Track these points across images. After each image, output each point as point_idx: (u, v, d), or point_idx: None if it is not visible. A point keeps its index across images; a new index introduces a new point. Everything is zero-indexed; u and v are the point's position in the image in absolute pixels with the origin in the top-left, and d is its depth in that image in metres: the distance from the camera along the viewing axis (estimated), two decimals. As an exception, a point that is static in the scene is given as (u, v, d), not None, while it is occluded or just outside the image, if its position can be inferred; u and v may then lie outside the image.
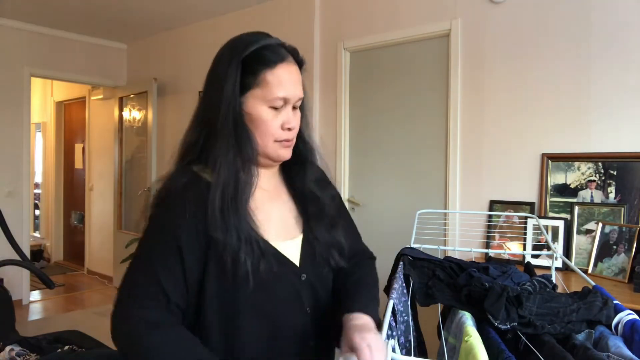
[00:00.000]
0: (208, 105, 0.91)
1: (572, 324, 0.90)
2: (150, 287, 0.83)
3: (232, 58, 0.88)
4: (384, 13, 3.19)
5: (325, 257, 0.98)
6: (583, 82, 2.42)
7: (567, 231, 2.41)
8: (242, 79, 0.88)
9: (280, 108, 0.90)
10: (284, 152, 0.94)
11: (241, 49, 0.89)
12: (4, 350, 1.91)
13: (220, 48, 0.94)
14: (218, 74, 0.90)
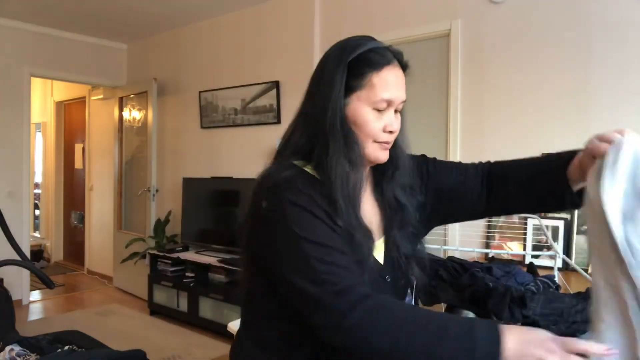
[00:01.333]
0: (314, 106, 0.92)
1: (576, 325, 0.90)
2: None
3: (340, 61, 0.90)
4: (383, 13, 3.19)
5: (405, 268, 0.97)
6: (583, 81, 2.43)
7: (567, 231, 2.41)
8: (348, 81, 0.89)
9: (383, 110, 0.93)
10: (382, 154, 0.95)
11: (348, 52, 0.91)
12: (4, 350, 1.91)
13: (327, 50, 0.96)
14: (325, 76, 0.91)
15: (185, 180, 4.36)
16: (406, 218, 0.97)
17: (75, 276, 5.78)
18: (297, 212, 0.82)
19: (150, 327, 3.97)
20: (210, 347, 3.49)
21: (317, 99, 0.91)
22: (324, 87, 0.90)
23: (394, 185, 0.98)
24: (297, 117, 0.96)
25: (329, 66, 0.91)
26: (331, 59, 0.92)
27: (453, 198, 1.02)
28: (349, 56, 0.90)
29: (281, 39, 3.76)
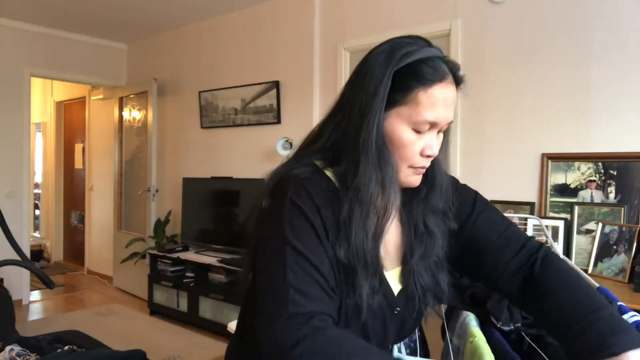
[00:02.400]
0: (351, 112, 0.81)
1: None
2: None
3: (387, 67, 0.78)
4: (384, 13, 3.19)
5: (420, 300, 0.88)
6: (583, 81, 2.43)
7: (567, 231, 2.41)
8: (390, 93, 0.78)
9: (424, 132, 0.81)
10: (415, 180, 0.84)
11: (397, 59, 0.78)
12: (4, 350, 1.91)
13: (375, 48, 0.83)
14: (367, 81, 0.80)
15: (185, 180, 4.36)
16: (432, 246, 0.87)
17: (75, 276, 5.78)
18: (295, 214, 0.76)
19: (150, 327, 3.97)
20: (210, 347, 3.49)
21: (354, 105, 0.80)
22: (364, 94, 0.79)
23: (424, 207, 0.88)
24: (328, 118, 0.87)
25: (374, 71, 0.79)
26: (377, 63, 0.80)
27: (480, 265, 0.91)
28: (397, 64, 0.78)
29: (281, 39, 3.76)
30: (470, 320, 0.98)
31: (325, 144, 0.84)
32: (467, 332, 0.91)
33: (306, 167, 0.81)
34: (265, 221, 0.80)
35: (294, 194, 0.76)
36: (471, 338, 0.84)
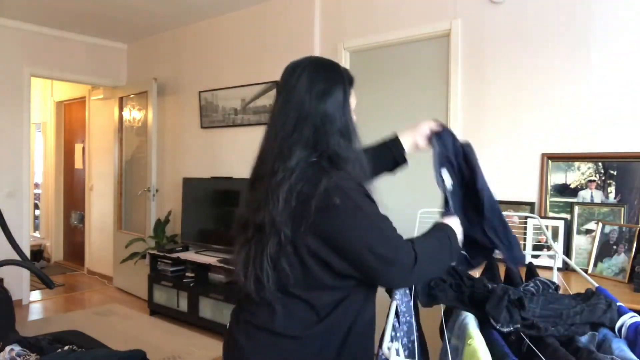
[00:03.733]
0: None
1: (575, 327, 0.90)
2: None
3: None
4: (384, 13, 3.19)
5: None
6: (583, 82, 2.43)
7: (567, 231, 2.41)
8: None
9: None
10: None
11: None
12: (4, 350, 1.91)
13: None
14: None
15: (185, 180, 4.36)
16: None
17: (75, 276, 5.78)
18: (367, 201, 1.05)
19: (150, 327, 3.97)
20: (210, 347, 3.49)
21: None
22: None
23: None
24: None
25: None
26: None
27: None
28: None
29: (281, 39, 3.76)
30: (468, 321, 0.98)
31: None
32: (465, 333, 0.91)
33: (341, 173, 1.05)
34: (348, 210, 1.01)
35: (356, 188, 1.05)
36: (469, 340, 0.84)
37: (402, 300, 1.16)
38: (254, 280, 1.06)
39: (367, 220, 1.02)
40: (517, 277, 1.30)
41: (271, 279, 1.04)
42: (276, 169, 1.04)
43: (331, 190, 0.99)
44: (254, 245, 1.07)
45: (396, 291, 1.14)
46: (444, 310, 1.32)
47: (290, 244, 1.02)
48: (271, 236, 1.03)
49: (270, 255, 1.03)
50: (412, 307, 1.23)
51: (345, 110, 1.12)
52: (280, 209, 1.01)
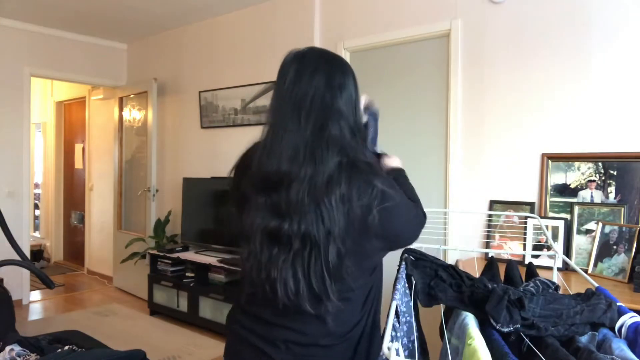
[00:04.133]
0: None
1: (575, 326, 0.90)
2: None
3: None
4: (384, 13, 3.19)
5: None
6: (583, 81, 2.43)
7: (567, 231, 2.41)
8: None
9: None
10: None
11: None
12: (4, 350, 1.91)
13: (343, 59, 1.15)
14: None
15: (185, 180, 4.36)
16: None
17: (75, 276, 5.78)
18: (395, 191, 1.05)
19: (150, 327, 3.97)
20: (210, 347, 3.49)
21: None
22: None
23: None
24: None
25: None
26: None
27: None
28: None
29: (281, 39, 3.76)
30: (468, 321, 0.98)
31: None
32: (465, 333, 0.91)
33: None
34: (393, 209, 1.01)
35: (391, 185, 1.05)
36: (469, 341, 0.84)
37: (402, 300, 1.16)
38: (311, 295, 0.96)
39: (405, 208, 1.05)
40: (517, 277, 1.30)
41: (334, 291, 0.96)
42: (312, 173, 0.94)
43: (380, 196, 0.96)
44: (305, 258, 0.95)
45: (395, 291, 1.13)
46: (444, 310, 1.32)
47: (350, 254, 0.96)
48: (329, 248, 0.94)
49: (331, 267, 0.94)
50: (412, 307, 1.23)
51: (357, 106, 1.08)
52: (337, 218, 0.93)
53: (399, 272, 1.29)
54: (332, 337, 1.03)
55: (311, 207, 0.94)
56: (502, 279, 1.39)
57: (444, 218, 2.86)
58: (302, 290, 0.95)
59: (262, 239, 1.00)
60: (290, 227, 0.95)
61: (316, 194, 0.93)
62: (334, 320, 1.01)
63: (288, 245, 0.96)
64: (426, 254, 1.34)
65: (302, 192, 0.94)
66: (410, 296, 1.22)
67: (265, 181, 1.01)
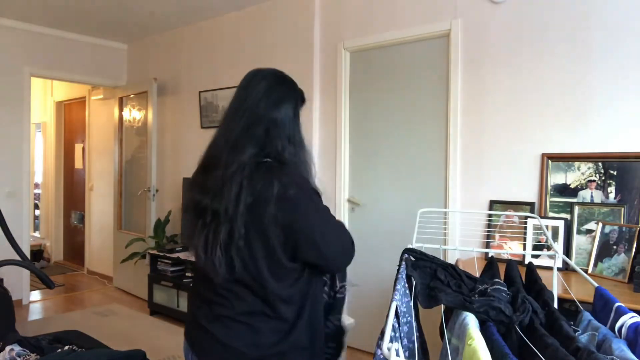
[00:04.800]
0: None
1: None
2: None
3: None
4: (383, 13, 3.19)
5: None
6: (583, 82, 2.43)
7: (567, 231, 2.41)
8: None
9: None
10: None
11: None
12: (4, 350, 1.91)
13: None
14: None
15: (185, 180, 4.36)
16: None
17: (75, 276, 5.78)
18: (316, 195, 1.20)
19: (150, 327, 3.97)
20: (210, 347, 3.48)
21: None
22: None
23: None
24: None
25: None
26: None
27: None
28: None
29: (281, 39, 3.76)
30: (469, 321, 0.98)
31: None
32: (465, 333, 0.91)
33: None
34: (302, 200, 1.15)
35: (306, 183, 1.20)
36: (469, 341, 0.84)
37: (402, 301, 1.16)
38: (211, 264, 1.14)
39: (317, 206, 1.18)
40: (517, 277, 1.30)
41: (222, 265, 1.13)
42: (230, 161, 1.14)
43: (287, 184, 1.12)
44: (212, 231, 1.15)
45: (395, 291, 1.14)
46: (444, 310, 1.32)
47: (242, 237, 1.11)
48: (224, 224, 1.12)
49: (223, 242, 1.12)
50: (413, 307, 1.23)
51: (294, 123, 1.26)
52: (233, 200, 1.10)
53: (399, 273, 1.29)
54: (231, 313, 1.18)
55: (220, 187, 1.13)
56: (502, 279, 1.39)
57: (444, 218, 2.86)
58: (208, 259, 1.14)
59: (192, 210, 1.22)
60: (207, 202, 1.16)
61: (225, 177, 1.13)
62: (234, 299, 1.17)
63: (204, 218, 1.17)
64: (426, 254, 1.34)
65: (218, 174, 1.15)
66: (411, 297, 1.23)
67: (204, 163, 1.24)
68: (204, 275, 1.21)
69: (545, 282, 1.29)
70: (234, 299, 1.16)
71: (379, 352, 0.94)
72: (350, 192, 3.41)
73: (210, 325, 1.18)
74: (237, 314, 1.16)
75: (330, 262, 1.20)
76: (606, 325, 1.01)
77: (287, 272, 1.16)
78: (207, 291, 1.21)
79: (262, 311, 1.15)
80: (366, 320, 3.15)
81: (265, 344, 1.15)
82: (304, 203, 1.14)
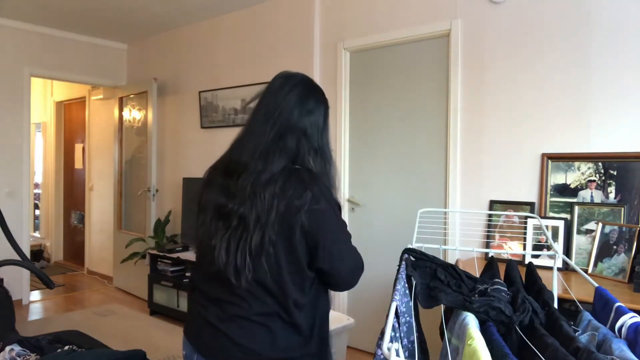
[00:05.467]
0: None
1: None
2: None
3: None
4: (384, 13, 3.19)
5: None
6: (583, 82, 2.43)
7: (567, 231, 2.41)
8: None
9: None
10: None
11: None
12: (4, 350, 1.91)
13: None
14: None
15: (185, 180, 4.36)
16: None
17: (75, 276, 5.78)
18: (339, 212, 1.22)
19: (150, 327, 3.97)
20: (210, 347, 3.48)
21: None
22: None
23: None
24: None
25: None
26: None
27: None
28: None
29: (281, 39, 3.76)
30: (469, 321, 0.98)
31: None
32: (465, 333, 0.91)
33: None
34: (328, 214, 1.17)
35: (334, 198, 1.22)
36: (469, 341, 0.84)
37: (402, 301, 1.16)
38: (234, 267, 1.13)
39: (341, 227, 1.19)
40: (517, 277, 1.30)
41: (250, 270, 1.12)
42: (261, 169, 1.14)
43: (318, 196, 1.13)
44: (238, 235, 1.14)
45: (395, 291, 1.14)
46: (444, 310, 1.32)
47: (273, 243, 1.11)
48: (255, 231, 1.11)
49: (252, 249, 1.12)
50: (412, 307, 1.23)
51: (323, 133, 1.25)
52: (267, 209, 1.10)
53: (399, 273, 1.29)
54: (250, 315, 1.17)
55: (251, 195, 1.13)
56: (502, 279, 1.39)
57: (444, 218, 2.86)
58: (230, 262, 1.13)
59: (213, 212, 1.21)
60: (233, 206, 1.16)
61: (257, 186, 1.13)
62: (254, 302, 1.17)
63: (229, 222, 1.16)
64: (426, 254, 1.34)
65: (248, 181, 1.14)
66: (410, 297, 1.23)
67: (227, 166, 1.22)
68: (213, 275, 1.19)
69: (545, 282, 1.29)
70: (252, 300, 1.15)
71: (379, 353, 0.94)
72: (350, 192, 3.41)
73: (223, 325, 1.16)
74: (253, 314, 1.14)
75: (343, 276, 1.19)
76: (606, 325, 1.01)
77: (305, 280, 1.17)
78: (217, 291, 1.20)
79: (278, 314, 1.15)
80: (366, 320, 3.14)
81: (280, 346, 1.14)
82: (329, 215, 1.16)
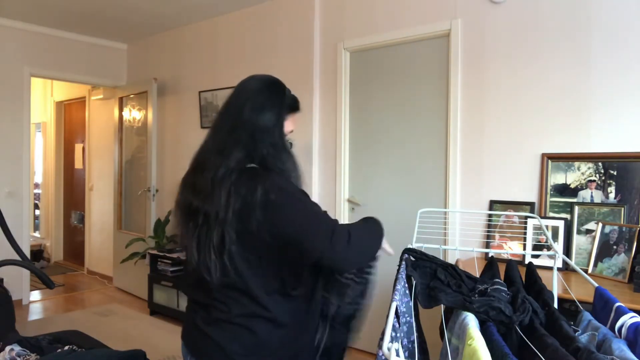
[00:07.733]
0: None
1: None
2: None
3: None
4: (384, 13, 3.19)
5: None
6: (583, 82, 2.43)
7: (567, 231, 2.41)
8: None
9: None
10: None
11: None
12: (4, 350, 1.91)
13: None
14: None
15: (185, 180, 4.35)
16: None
17: (75, 276, 5.78)
18: (299, 192, 1.19)
19: (150, 327, 3.97)
20: (210, 347, 3.48)
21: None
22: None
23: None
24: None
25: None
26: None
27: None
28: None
29: (281, 39, 3.76)
30: (469, 321, 0.98)
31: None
32: (465, 333, 0.91)
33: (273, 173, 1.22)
34: (285, 201, 1.14)
35: (288, 184, 1.20)
36: (469, 341, 0.84)
37: (402, 301, 1.16)
38: (205, 266, 1.15)
39: (302, 204, 1.16)
40: (517, 277, 1.30)
41: (218, 267, 1.14)
42: (218, 164, 1.16)
43: (268, 188, 1.12)
44: (204, 233, 1.16)
45: (395, 291, 1.14)
46: (444, 310, 1.32)
47: (234, 242, 1.13)
48: (216, 228, 1.13)
49: (215, 246, 1.13)
50: (412, 307, 1.23)
51: (278, 129, 1.26)
52: (223, 205, 1.12)
53: (399, 272, 1.29)
54: (219, 314, 1.19)
55: (210, 191, 1.15)
56: (502, 279, 1.39)
57: (444, 218, 2.86)
58: (202, 260, 1.15)
59: (182, 211, 1.24)
60: (198, 204, 1.18)
61: (215, 181, 1.15)
62: (228, 301, 1.18)
63: (196, 220, 1.18)
64: (426, 254, 1.34)
65: (208, 177, 1.16)
66: (410, 297, 1.23)
67: (195, 164, 1.26)
68: (198, 279, 1.20)
69: (545, 282, 1.30)
70: (230, 303, 1.17)
71: (380, 353, 0.94)
72: (350, 192, 3.41)
73: (208, 328, 1.19)
74: (234, 316, 1.16)
75: (336, 260, 1.14)
76: (606, 325, 1.01)
77: (273, 279, 1.17)
78: (202, 295, 1.22)
79: (257, 314, 1.16)
80: (366, 320, 3.14)
81: (263, 346, 1.15)
82: (287, 204, 1.14)
